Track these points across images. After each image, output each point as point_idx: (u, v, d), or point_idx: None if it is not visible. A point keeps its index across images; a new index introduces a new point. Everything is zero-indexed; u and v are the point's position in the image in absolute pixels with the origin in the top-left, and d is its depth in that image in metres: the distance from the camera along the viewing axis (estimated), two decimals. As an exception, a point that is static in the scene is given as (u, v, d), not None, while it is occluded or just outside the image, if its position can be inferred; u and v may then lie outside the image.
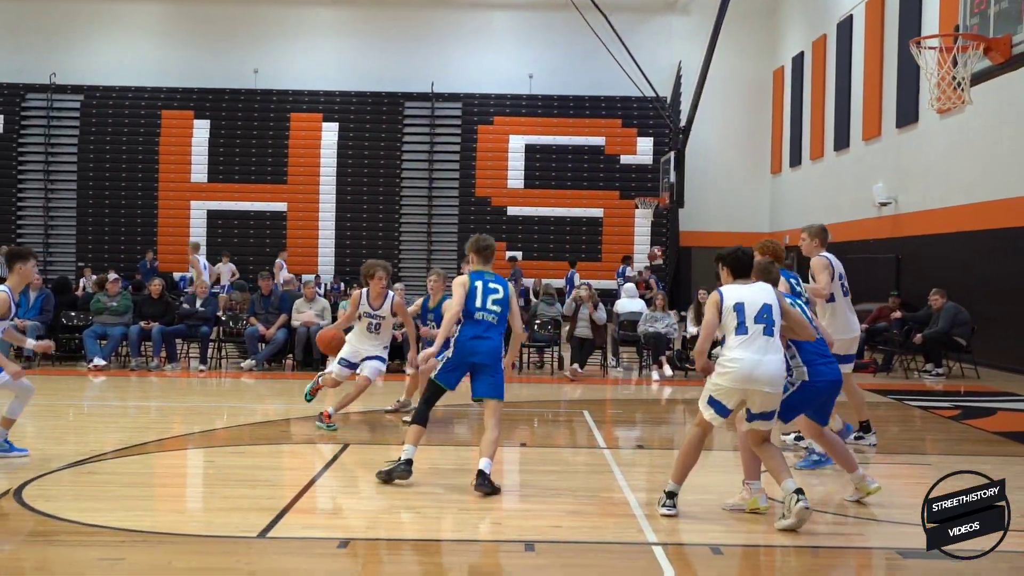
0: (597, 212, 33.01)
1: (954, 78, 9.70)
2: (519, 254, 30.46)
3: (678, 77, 32.99)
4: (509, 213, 32.87)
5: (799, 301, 8.37)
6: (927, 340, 17.77)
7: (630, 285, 20.03)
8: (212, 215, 32.51)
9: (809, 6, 30.92)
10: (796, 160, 31.55)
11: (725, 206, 33.69)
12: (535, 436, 11.85)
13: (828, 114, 28.44)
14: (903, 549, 6.87)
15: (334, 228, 32.91)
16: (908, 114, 22.71)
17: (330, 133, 33.25)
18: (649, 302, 18.64)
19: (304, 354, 17.18)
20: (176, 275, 29.32)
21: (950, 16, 16.35)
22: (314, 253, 32.44)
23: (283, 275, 28.08)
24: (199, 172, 32.76)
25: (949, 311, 17.77)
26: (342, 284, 28.50)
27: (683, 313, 19.71)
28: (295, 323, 17.26)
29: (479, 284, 8.61)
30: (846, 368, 9.39)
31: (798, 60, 31.41)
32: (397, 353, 15.77)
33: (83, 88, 33.28)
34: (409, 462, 8.40)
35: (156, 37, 33.91)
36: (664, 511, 7.56)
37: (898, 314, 19.27)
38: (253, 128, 33.14)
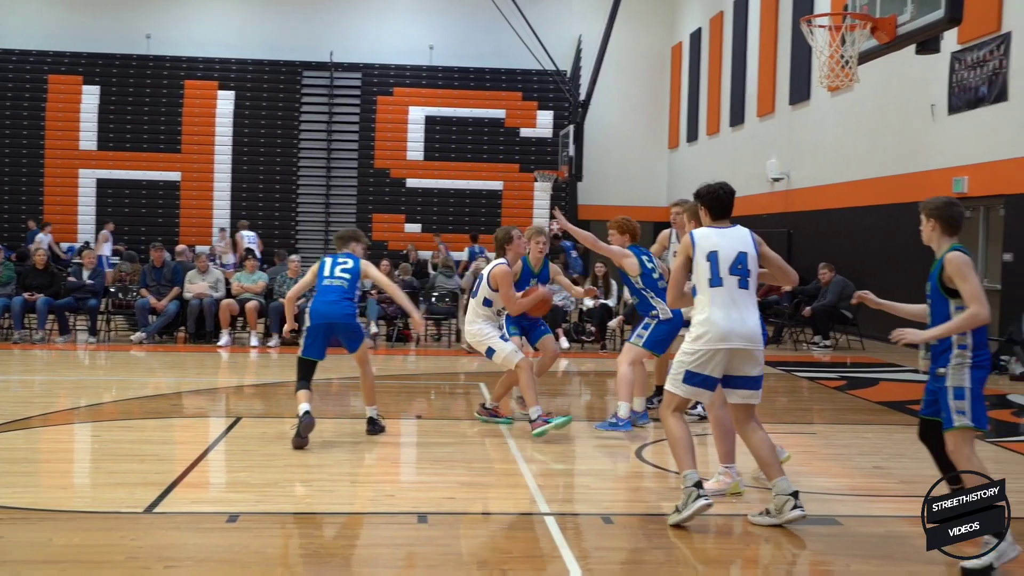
0: (497, 185, 33.01)
1: (842, 56, 9.88)
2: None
3: (578, 51, 33.11)
4: (408, 185, 32.73)
5: (654, 276, 9.63)
6: (815, 313, 18.17)
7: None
8: (102, 184, 31.73)
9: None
10: (693, 135, 31.92)
11: (623, 180, 33.94)
12: (432, 408, 11.88)
13: (724, 90, 28.82)
14: (787, 517, 6.99)
15: (229, 199, 32.38)
16: (801, 91, 23.13)
17: (226, 101, 32.67)
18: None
19: (196, 326, 16.95)
20: (64, 245, 28.61)
21: (842, -5, 16.62)
22: (208, 224, 31.89)
23: (107, 247, 27.43)
24: (88, 140, 31.92)
25: (837, 285, 18.20)
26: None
27: (582, 285, 19.81)
28: (187, 295, 17.01)
29: (328, 260, 9.40)
30: None
31: (696, 36, 31.74)
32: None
33: (-35, 51, 32.24)
34: (308, 412, 8.68)
35: None
36: (702, 502, 6.45)
37: (788, 287, 19.66)
38: (146, 95, 32.39)
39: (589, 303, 17.49)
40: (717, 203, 6.96)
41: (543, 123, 33.34)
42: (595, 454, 9.08)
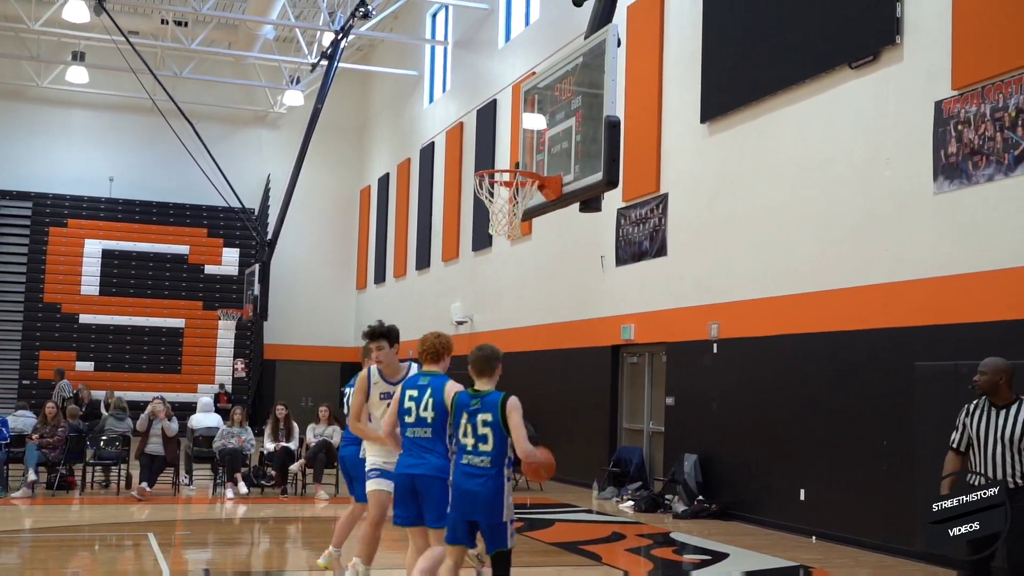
0: (178, 322, 32.27)
1: (513, 209, 10.37)
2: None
3: (267, 190, 33.18)
4: (81, 321, 31.47)
5: None
6: (496, 455, 18.58)
7: (207, 399, 19.65)
8: None
9: (395, 129, 32.18)
10: (381, 277, 32.43)
11: (311, 320, 33.93)
12: (95, 564, 11.26)
13: (411, 234, 29.54)
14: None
15: None
16: (483, 239, 24.00)
17: None
18: (226, 416, 18.30)
19: None
20: None
21: (517, 153, 17.57)
22: None
23: None
24: None
25: (515, 426, 18.71)
26: None
27: (262, 427, 19.43)
28: None
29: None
30: None
31: (384, 180, 32.50)
32: None
33: None
34: None
35: None
36: None
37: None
38: None
39: (270, 446, 17.25)
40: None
41: (229, 260, 33.02)
42: None
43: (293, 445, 17.33)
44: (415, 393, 7.48)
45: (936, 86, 11.83)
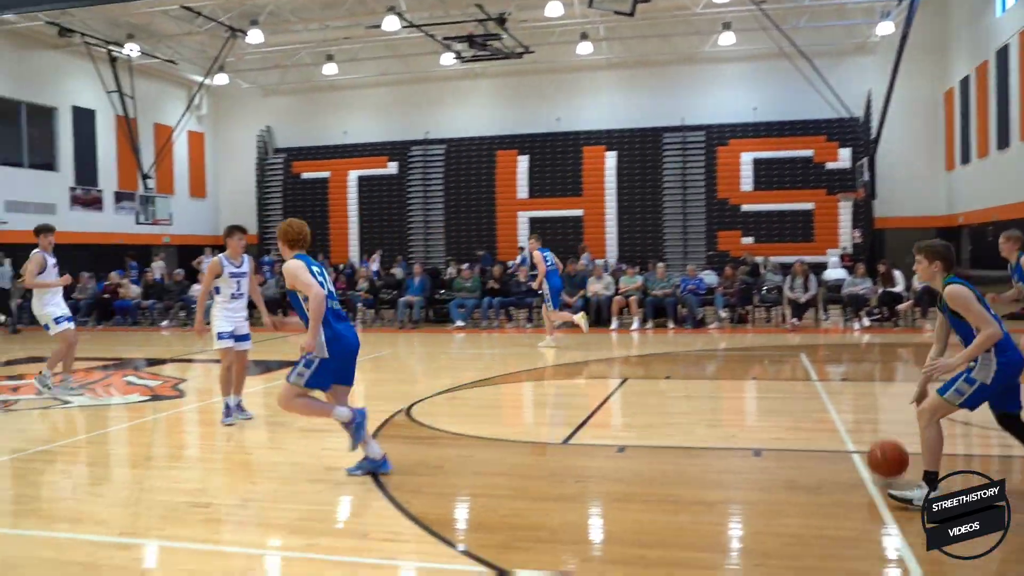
0: (809, 205, 31.14)
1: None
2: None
3: (868, 101, 30.55)
4: (743, 209, 31.55)
5: None
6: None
7: (835, 259, 18.85)
8: (532, 220, 33.12)
9: (971, 35, 27.89)
10: (966, 158, 28.61)
11: (908, 196, 30.96)
12: (765, 371, 11.33)
13: (991, 119, 25.58)
14: None
15: (616, 225, 32.76)
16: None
17: (611, 159, 33.07)
18: (851, 270, 17.41)
19: (595, 315, 17.16)
20: (509, 263, 30.00)
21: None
22: (602, 243, 32.48)
23: (374, 265, 26.52)
24: (522, 191, 33.43)
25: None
26: (624, 265, 28.25)
27: (876, 278, 18.24)
28: (588, 294, 17.25)
29: None
30: None
31: (964, 83, 28.41)
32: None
33: (446, 140, 34.72)
34: None
35: (490, 101, 34.89)
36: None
37: None
38: (558, 158, 33.50)
39: (881, 291, 16.09)
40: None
41: (843, 157, 31.00)
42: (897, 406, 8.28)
43: (898, 289, 16.04)
44: None
45: None
